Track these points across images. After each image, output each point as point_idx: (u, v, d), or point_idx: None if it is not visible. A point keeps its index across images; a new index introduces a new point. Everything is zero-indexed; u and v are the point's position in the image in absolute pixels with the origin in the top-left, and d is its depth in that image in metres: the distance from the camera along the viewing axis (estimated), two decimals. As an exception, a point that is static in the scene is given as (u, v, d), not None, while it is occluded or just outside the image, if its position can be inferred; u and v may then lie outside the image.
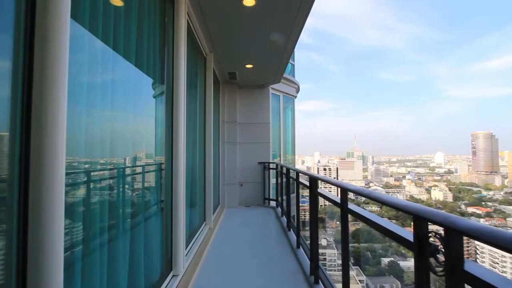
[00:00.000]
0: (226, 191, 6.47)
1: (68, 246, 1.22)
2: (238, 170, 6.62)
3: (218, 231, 4.57)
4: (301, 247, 3.44)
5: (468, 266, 0.82)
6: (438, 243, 0.91)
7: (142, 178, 2.27)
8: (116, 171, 1.78)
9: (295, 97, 8.04)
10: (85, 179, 1.46)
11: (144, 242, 2.01)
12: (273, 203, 6.46)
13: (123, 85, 1.86)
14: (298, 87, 8.03)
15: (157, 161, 2.52)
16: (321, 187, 2.65)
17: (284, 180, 4.72)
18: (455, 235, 0.82)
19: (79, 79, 1.32)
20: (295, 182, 3.52)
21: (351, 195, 1.92)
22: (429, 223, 0.95)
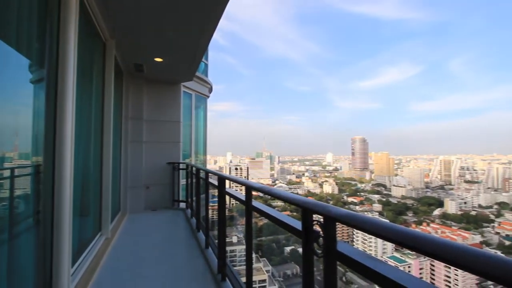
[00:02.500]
0: (129, 194, 5.82)
1: None
2: (144, 171, 6.07)
3: (118, 240, 4.07)
4: (209, 247, 3.45)
5: (340, 247, 1.01)
6: (319, 229, 1.09)
7: (9, 184, 1.79)
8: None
9: (208, 97, 8.01)
10: None
11: (7, 266, 1.59)
12: (183, 205, 6.23)
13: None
14: (211, 87, 8.03)
15: (34, 163, 2.03)
16: (232, 187, 2.74)
17: (194, 180, 4.62)
18: (330, 222, 1.00)
19: None
20: (205, 183, 3.50)
21: (260, 193, 2.06)
22: (313, 214, 1.12)
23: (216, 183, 2.88)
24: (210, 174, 3.43)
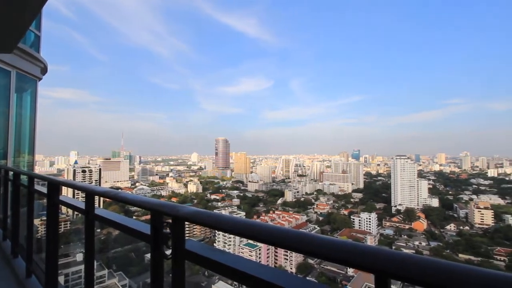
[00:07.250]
0: None
1: None
2: None
3: None
4: (33, 275, 2.65)
5: (188, 245, 1.03)
6: (169, 231, 1.08)
7: None
8: None
9: (40, 78, 6.15)
10: None
11: None
12: (-12, 225, 4.44)
13: None
14: (45, 66, 6.21)
15: None
16: (78, 194, 2.21)
17: (11, 189, 3.41)
18: (179, 222, 1.01)
19: None
20: (28, 191, 2.66)
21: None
22: (163, 215, 1.10)
23: (45, 190, 2.25)
24: (36, 180, 2.64)
